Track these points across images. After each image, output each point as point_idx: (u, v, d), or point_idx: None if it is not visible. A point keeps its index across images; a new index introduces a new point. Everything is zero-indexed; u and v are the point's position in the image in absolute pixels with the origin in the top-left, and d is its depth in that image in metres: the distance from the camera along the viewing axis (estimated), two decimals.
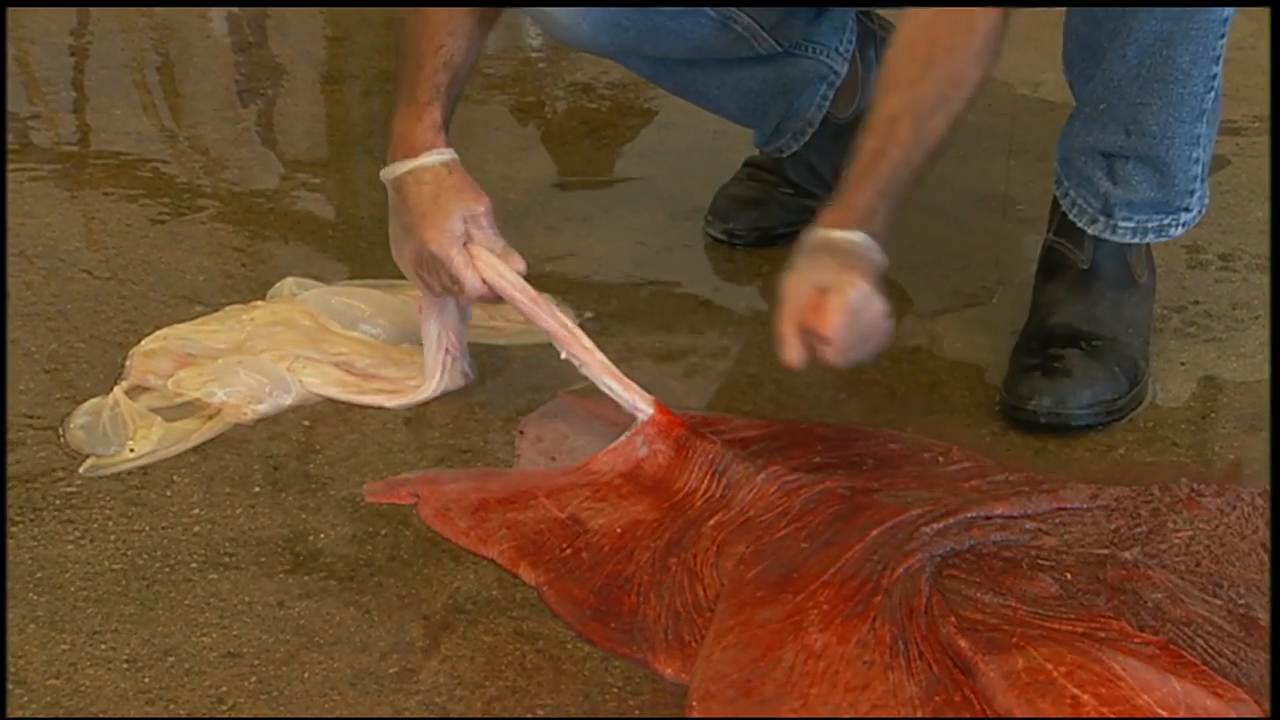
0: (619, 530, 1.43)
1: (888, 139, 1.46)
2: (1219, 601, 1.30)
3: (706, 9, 1.80)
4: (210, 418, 1.60)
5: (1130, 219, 1.65)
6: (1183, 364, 1.73)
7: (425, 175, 1.59)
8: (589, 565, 1.39)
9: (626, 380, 1.55)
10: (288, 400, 1.63)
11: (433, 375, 1.66)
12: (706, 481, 1.47)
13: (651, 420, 1.52)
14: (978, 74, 1.51)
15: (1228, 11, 1.52)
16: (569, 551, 1.41)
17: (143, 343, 1.72)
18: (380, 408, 1.64)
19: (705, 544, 1.40)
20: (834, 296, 1.39)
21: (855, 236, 1.43)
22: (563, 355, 1.57)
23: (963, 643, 1.21)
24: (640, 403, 1.54)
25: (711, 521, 1.43)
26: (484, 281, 1.58)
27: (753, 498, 1.44)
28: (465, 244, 1.58)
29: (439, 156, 1.60)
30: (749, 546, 1.39)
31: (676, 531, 1.42)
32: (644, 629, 1.32)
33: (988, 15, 1.51)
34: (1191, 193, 1.64)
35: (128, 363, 1.69)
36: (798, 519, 1.41)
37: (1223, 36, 1.54)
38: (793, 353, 1.41)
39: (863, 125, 1.50)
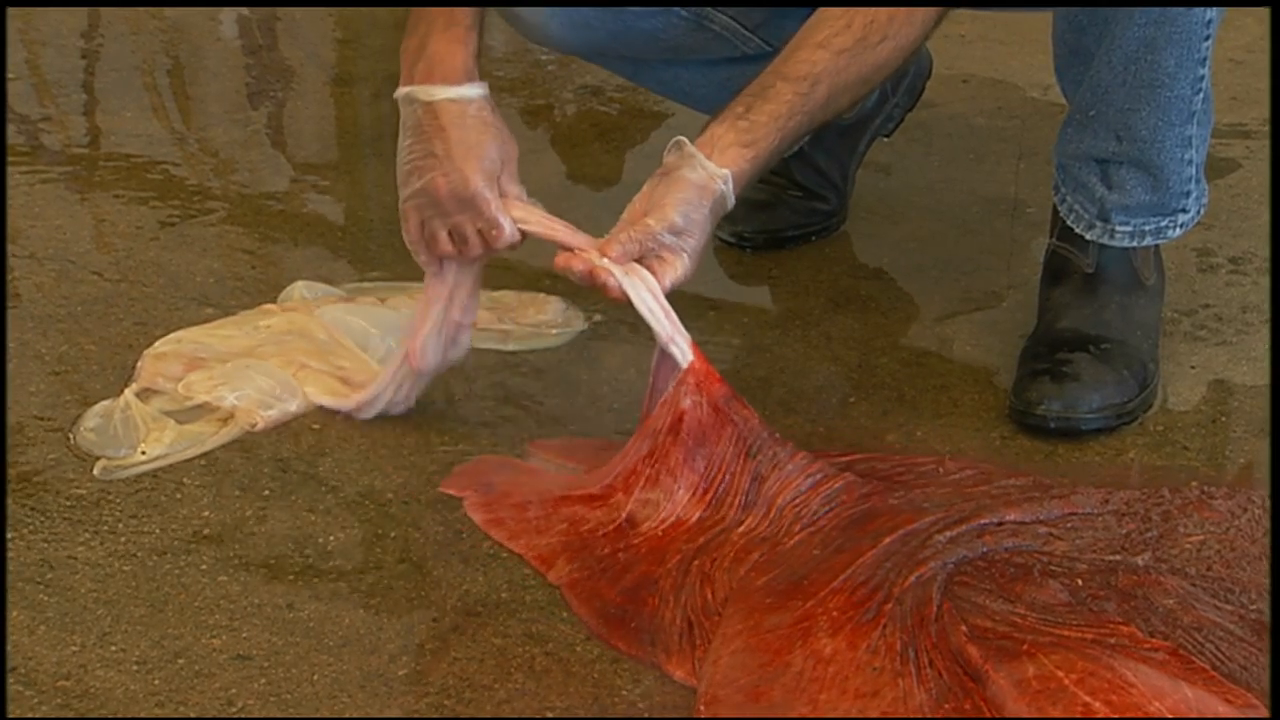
0: (660, 533, 1.43)
1: (805, 98, 1.50)
2: (1230, 607, 1.29)
3: (678, 9, 1.78)
4: (223, 421, 1.60)
5: (1127, 223, 1.65)
6: (1193, 367, 1.72)
7: (470, 107, 1.51)
8: (624, 565, 1.39)
9: (672, 312, 1.48)
10: (293, 407, 1.63)
11: (382, 385, 1.60)
12: (740, 462, 1.45)
13: (691, 368, 1.47)
14: (898, 63, 1.55)
15: (1211, 13, 1.52)
16: (608, 551, 1.41)
17: (155, 345, 1.72)
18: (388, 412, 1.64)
19: (728, 550, 1.40)
20: (675, 264, 1.46)
21: (723, 174, 1.47)
22: (612, 278, 1.47)
23: (973, 650, 1.21)
24: (681, 341, 1.48)
25: (740, 529, 1.42)
26: (519, 228, 1.50)
27: (778, 488, 1.43)
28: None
29: (481, 90, 1.52)
30: (762, 554, 1.38)
31: (709, 536, 1.42)
32: (660, 631, 1.32)
33: (928, 12, 1.53)
34: (1187, 194, 1.64)
35: (139, 365, 1.69)
36: (812, 523, 1.41)
37: (1208, 38, 1.54)
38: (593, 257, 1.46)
39: (781, 58, 1.52)
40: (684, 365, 1.47)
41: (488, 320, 1.77)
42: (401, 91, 1.53)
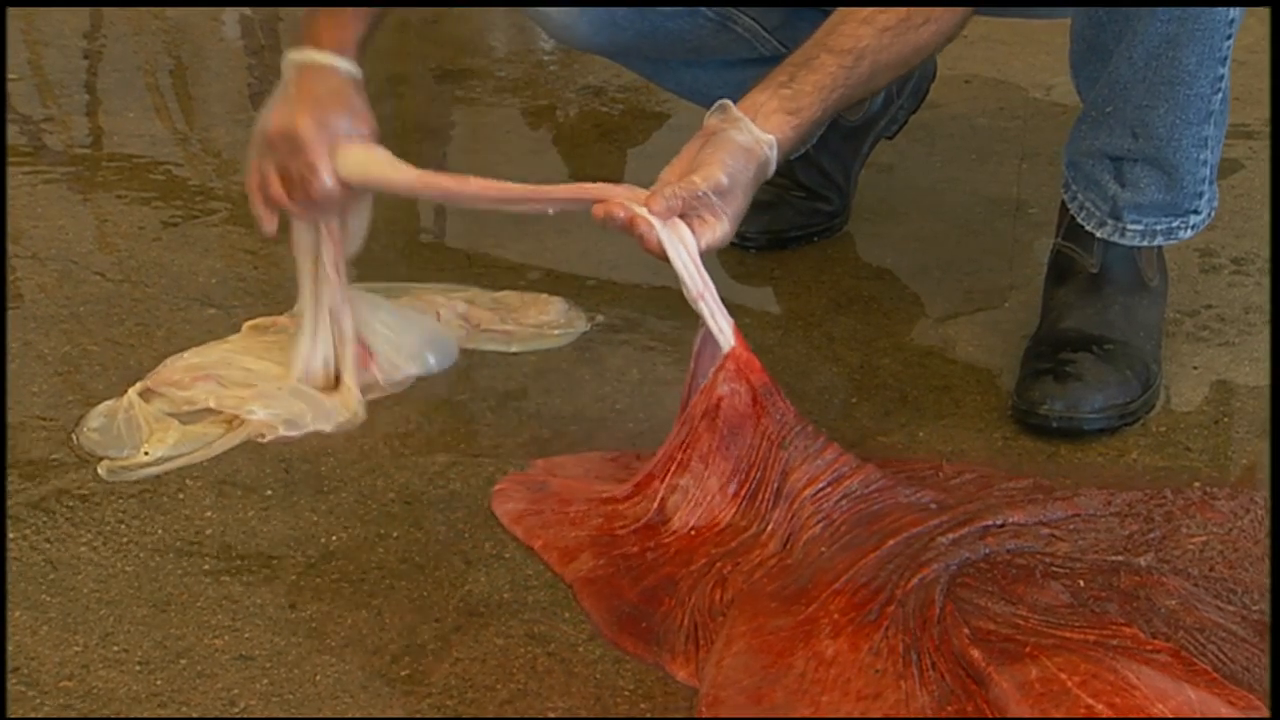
0: (692, 531, 1.42)
1: (849, 72, 1.49)
2: (1232, 608, 1.29)
3: (704, 9, 1.80)
4: (228, 424, 1.60)
5: (1139, 222, 1.65)
6: (1195, 368, 1.72)
7: (334, 77, 1.56)
8: (650, 565, 1.39)
9: (708, 277, 1.45)
10: (327, 427, 1.61)
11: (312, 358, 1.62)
12: (773, 454, 1.43)
13: (732, 354, 1.45)
14: (935, 48, 1.55)
15: (1234, 12, 1.52)
16: (636, 549, 1.41)
17: (187, 354, 1.70)
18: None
19: (754, 555, 1.39)
20: (715, 226, 1.43)
21: (769, 139, 1.45)
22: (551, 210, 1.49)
23: (975, 653, 1.21)
24: (723, 322, 1.45)
25: (766, 532, 1.41)
26: (344, 181, 1.52)
27: (805, 482, 1.42)
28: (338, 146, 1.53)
29: (353, 69, 1.57)
30: (778, 560, 1.38)
31: (739, 541, 1.41)
32: (669, 631, 1.31)
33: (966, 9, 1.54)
34: (1200, 195, 1.64)
35: (160, 369, 1.68)
36: (827, 517, 1.40)
37: (1229, 38, 1.54)
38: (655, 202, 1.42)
39: (824, 32, 1.51)
40: (725, 350, 1.45)
41: (490, 321, 1.77)
42: (287, 55, 1.58)
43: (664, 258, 1.43)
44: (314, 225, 1.60)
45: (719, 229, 1.44)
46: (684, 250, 1.43)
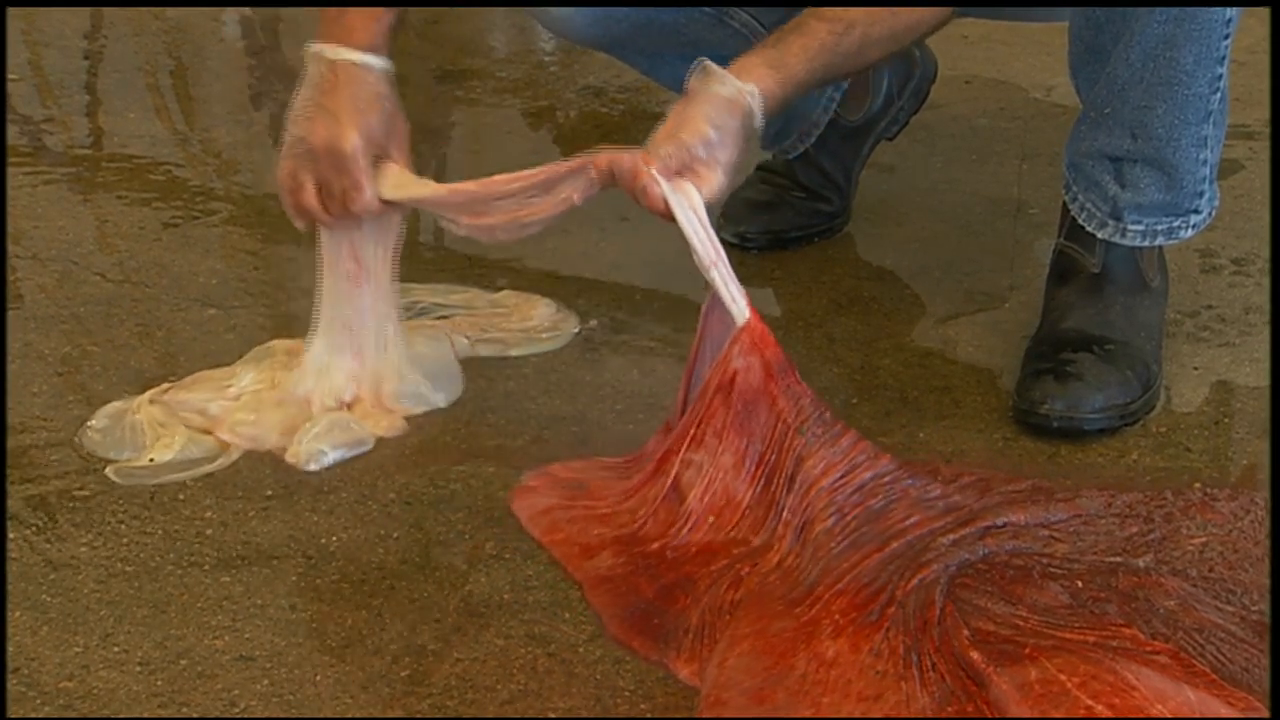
0: (710, 519, 1.42)
1: (839, 39, 1.50)
2: (1232, 608, 1.29)
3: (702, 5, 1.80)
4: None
5: (1139, 222, 1.65)
6: (1196, 369, 1.72)
7: (369, 75, 1.54)
8: (670, 563, 1.39)
9: (713, 233, 1.44)
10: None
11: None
12: (788, 438, 1.43)
13: (747, 327, 1.44)
14: (926, 29, 1.56)
15: (1231, 12, 1.52)
16: (656, 547, 1.40)
17: (218, 372, 1.68)
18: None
19: (772, 556, 1.39)
20: (710, 179, 1.43)
21: (750, 87, 1.46)
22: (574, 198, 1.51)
23: (975, 654, 1.21)
24: (738, 295, 1.44)
25: (783, 517, 1.40)
26: (383, 200, 1.53)
27: (821, 471, 1.41)
28: (377, 160, 1.54)
29: (386, 65, 1.55)
30: (793, 558, 1.38)
31: (761, 539, 1.40)
32: (678, 629, 1.31)
33: None
34: (1200, 194, 1.64)
35: (186, 381, 1.66)
36: (840, 509, 1.40)
37: (1227, 37, 1.54)
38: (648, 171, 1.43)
39: (815, 5, 1.52)
40: (739, 322, 1.44)
41: (479, 331, 1.77)
42: (311, 48, 1.56)
43: (669, 217, 1.43)
44: (343, 234, 1.60)
45: (714, 180, 1.44)
46: (693, 215, 1.42)
